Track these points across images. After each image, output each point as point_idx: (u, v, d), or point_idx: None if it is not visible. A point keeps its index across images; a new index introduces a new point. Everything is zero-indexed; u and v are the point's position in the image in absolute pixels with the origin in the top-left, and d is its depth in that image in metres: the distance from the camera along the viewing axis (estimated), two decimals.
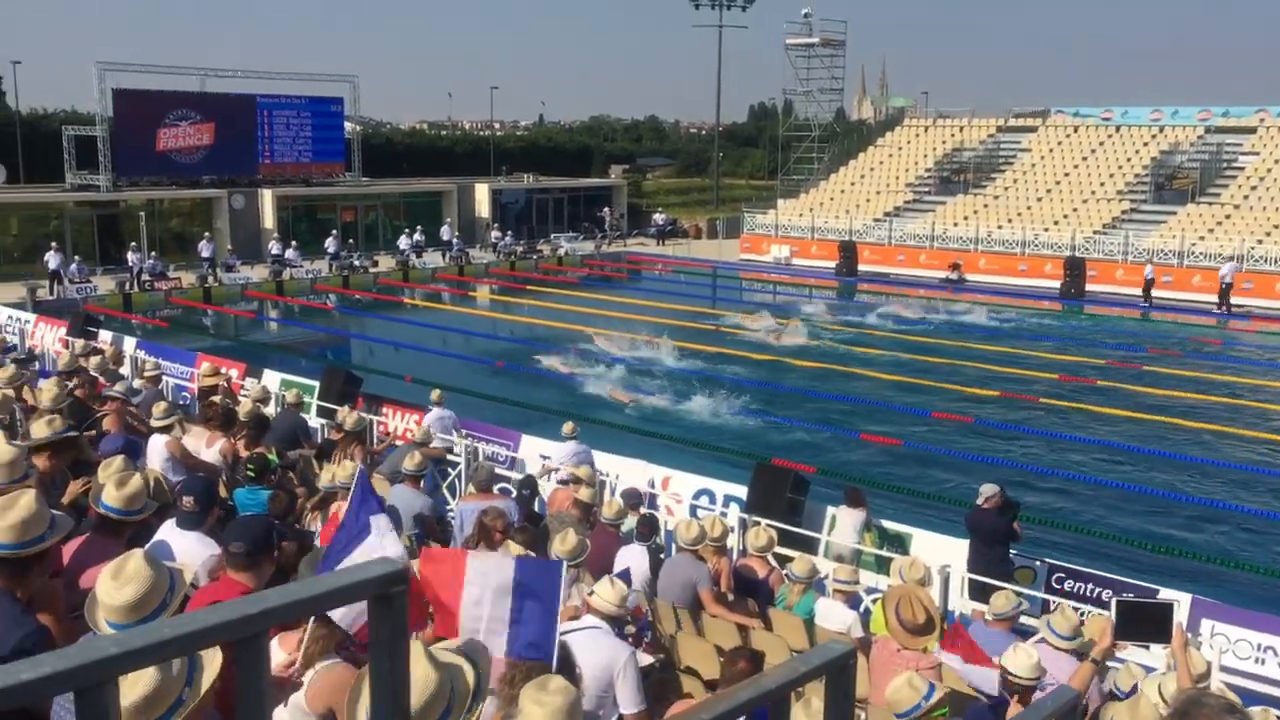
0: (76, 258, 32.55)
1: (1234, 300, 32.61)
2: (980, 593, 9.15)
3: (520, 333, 27.44)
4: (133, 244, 34.21)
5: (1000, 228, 40.31)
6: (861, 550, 10.94)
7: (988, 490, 10.55)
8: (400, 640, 1.10)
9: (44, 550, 3.61)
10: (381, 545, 3.91)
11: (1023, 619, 8.44)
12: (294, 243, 37.79)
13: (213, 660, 2.52)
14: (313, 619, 3.71)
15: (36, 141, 44.49)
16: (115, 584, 3.14)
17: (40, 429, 5.95)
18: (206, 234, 36.77)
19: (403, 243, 40.08)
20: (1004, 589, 7.86)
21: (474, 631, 3.92)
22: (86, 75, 38.44)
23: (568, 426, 12.94)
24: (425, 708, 2.28)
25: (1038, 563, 11.14)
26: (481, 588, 4.01)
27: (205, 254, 34.91)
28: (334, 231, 39.58)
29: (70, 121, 42.45)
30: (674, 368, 23.11)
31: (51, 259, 30.99)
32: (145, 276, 32.07)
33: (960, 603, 9.75)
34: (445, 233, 42.15)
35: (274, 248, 36.75)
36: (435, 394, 14.40)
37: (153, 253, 33.99)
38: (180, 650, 0.96)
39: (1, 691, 0.88)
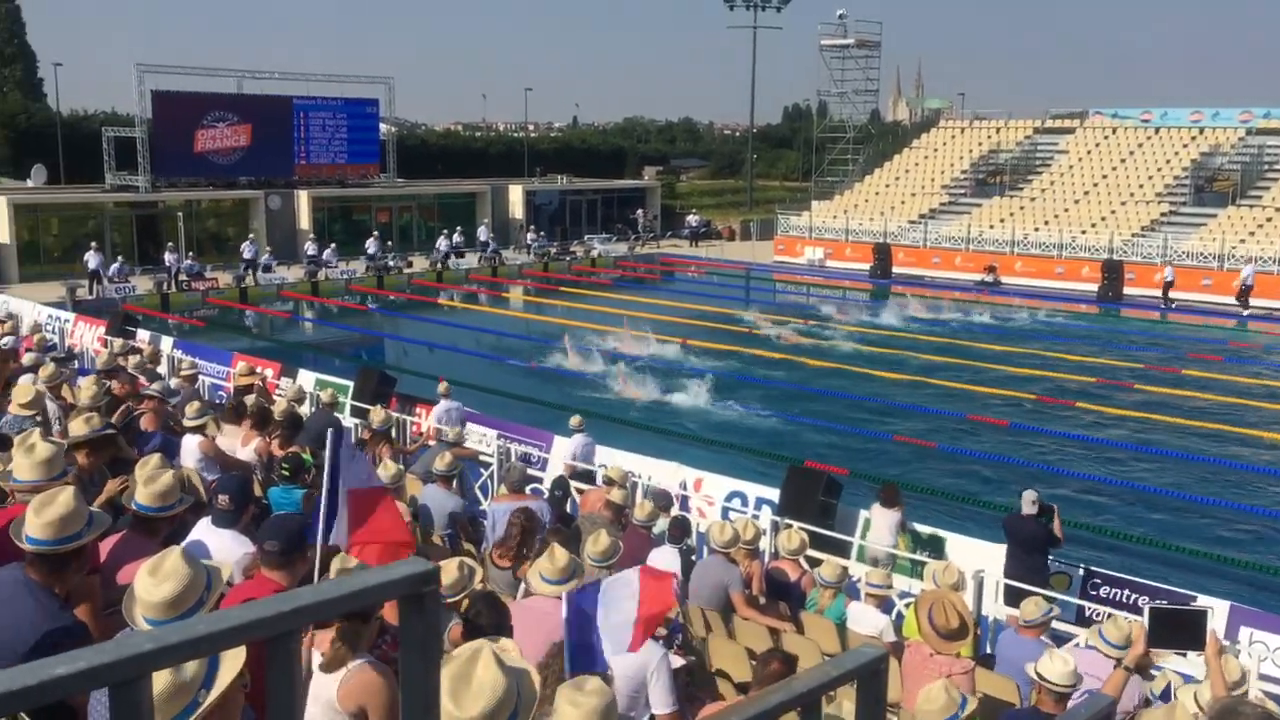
0: (119, 258, 32.96)
1: (1254, 301, 32.52)
2: (1016, 599, 9.07)
3: (553, 334, 27.46)
4: (169, 244, 34.60)
5: (1037, 230, 39.97)
6: (895, 554, 10.88)
7: (1030, 496, 10.44)
8: (433, 641, 1.10)
9: (82, 547, 3.65)
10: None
11: (1060, 625, 8.36)
12: (333, 245, 38.16)
13: (233, 662, 2.53)
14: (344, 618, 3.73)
15: (77, 143, 45.10)
16: (153, 580, 3.17)
17: (79, 426, 6.02)
18: (250, 235, 37.18)
19: (441, 244, 40.43)
20: (1036, 595, 7.79)
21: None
22: (126, 77, 38.98)
23: (574, 420, 13.13)
24: (493, 712, 2.30)
25: (1074, 568, 11.02)
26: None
27: (247, 255, 35.33)
28: (375, 233, 39.89)
29: (110, 123, 43.01)
30: (705, 369, 23.07)
31: (91, 259, 31.39)
32: (183, 277, 32.44)
33: (994, 608, 9.67)
34: (482, 233, 42.38)
35: (310, 248, 37.04)
36: (442, 386, 14.42)
37: (190, 253, 34.39)
38: (215, 647, 0.96)
39: (38, 686, 0.89)
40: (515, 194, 49.08)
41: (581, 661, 4.20)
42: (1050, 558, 10.52)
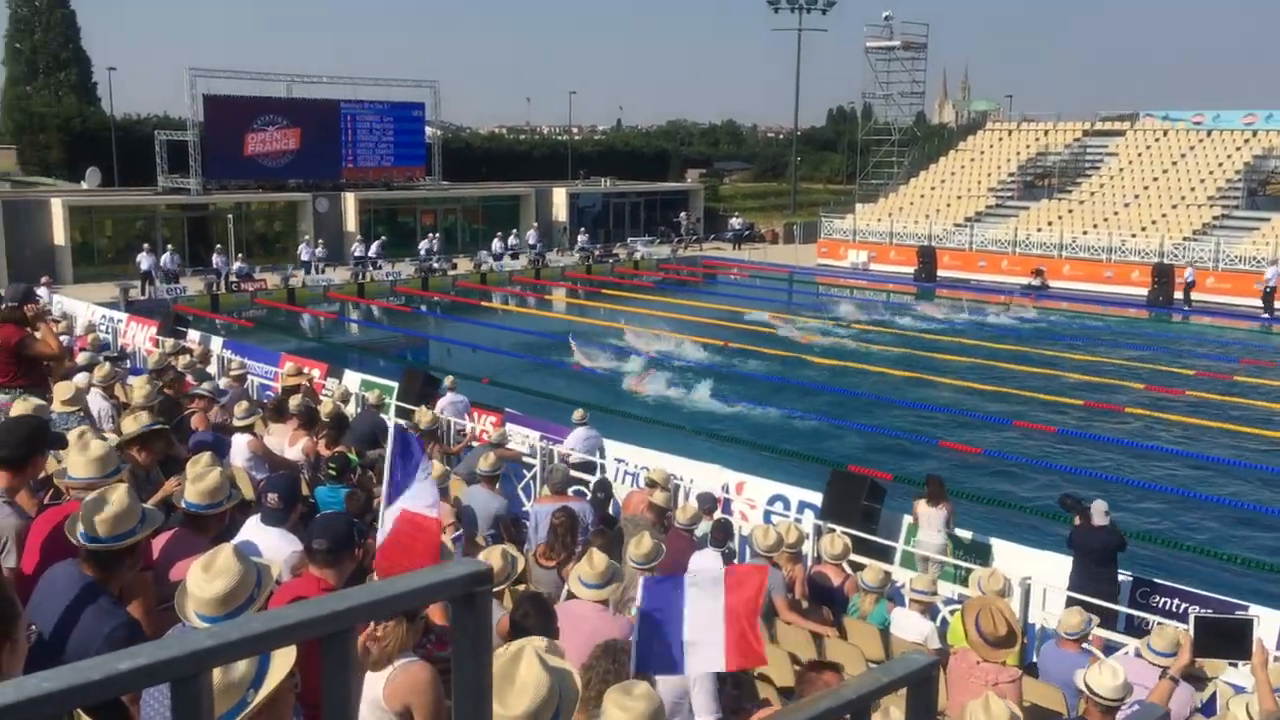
0: (170, 247, 33.42)
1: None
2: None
3: (596, 336, 27.54)
4: (218, 246, 35.08)
5: (1085, 234, 39.47)
6: (942, 560, 10.78)
7: (1101, 506, 10.27)
8: (484, 640, 1.11)
9: (135, 544, 3.71)
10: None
11: (1109, 634, 8.25)
12: (383, 238, 38.51)
13: (283, 661, 2.56)
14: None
15: (130, 146, 45.85)
16: (206, 577, 3.22)
17: (130, 424, 6.13)
18: (306, 238, 37.63)
19: (495, 246, 40.78)
20: (1076, 605, 7.70)
21: None
22: (178, 81, 39.55)
23: (578, 414, 13.69)
24: (537, 711, 2.31)
25: (1124, 577, 10.86)
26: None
27: (304, 257, 35.73)
28: (431, 235, 40.17)
29: (162, 126, 43.68)
30: (746, 372, 23.03)
31: (143, 260, 31.87)
32: (233, 279, 32.88)
33: (1041, 615, 9.55)
34: (532, 237, 42.65)
35: (357, 250, 37.38)
36: (449, 380, 15.48)
37: (239, 254, 34.88)
38: (273, 644, 0.98)
39: (103, 681, 0.90)
40: (559, 196, 49.25)
41: (654, 663, 4.13)
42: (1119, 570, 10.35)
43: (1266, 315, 32.11)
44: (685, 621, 4.11)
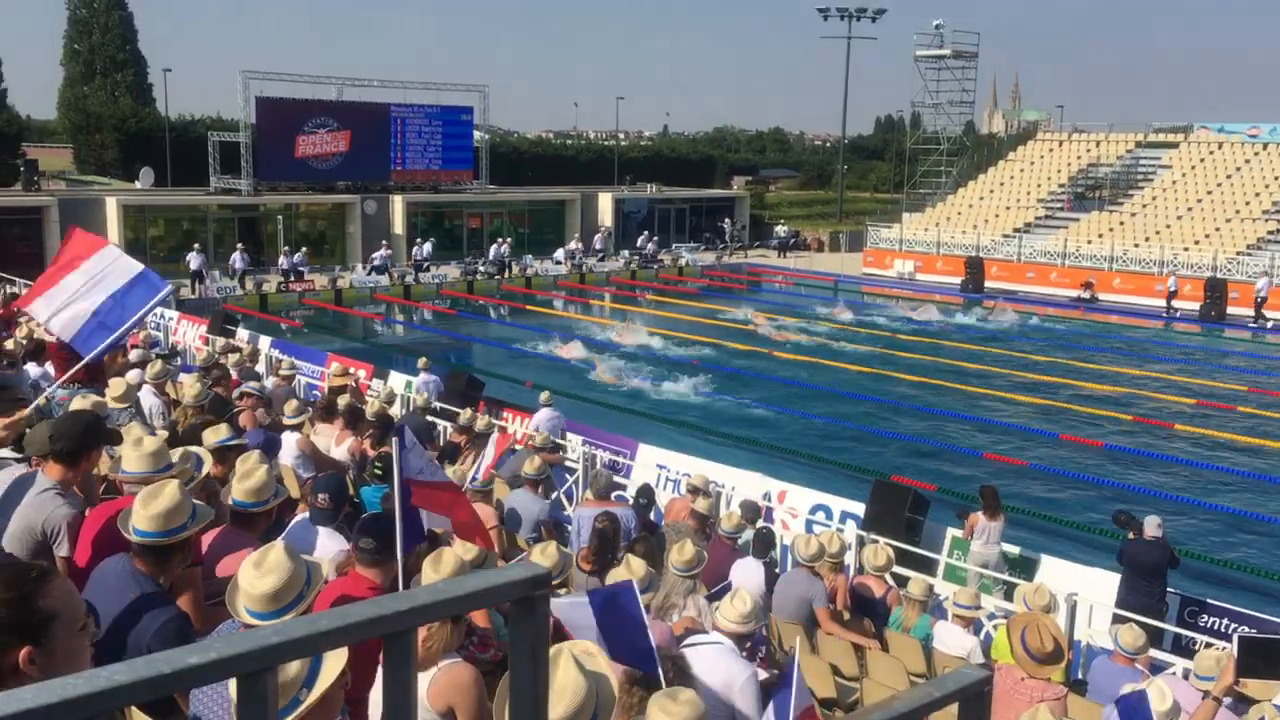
0: (244, 254, 33.92)
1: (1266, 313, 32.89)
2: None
3: (638, 342, 27.57)
4: (285, 247, 35.69)
5: (1137, 246, 38.93)
6: (993, 575, 10.67)
7: (1154, 520, 10.14)
8: (542, 644, 1.12)
9: (185, 539, 3.77)
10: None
11: (1157, 653, 8.12)
12: (432, 240, 39.03)
13: (335, 662, 2.59)
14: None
15: (183, 146, 46.54)
16: (257, 574, 3.27)
17: (210, 436, 6.25)
18: (384, 241, 38.09)
19: (559, 253, 41.35)
20: (1132, 621, 7.58)
21: None
22: (232, 83, 40.08)
23: (544, 396, 14.54)
24: (575, 714, 2.32)
25: (1171, 596, 10.70)
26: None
27: (377, 261, 36.19)
28: (503, 240, 40.48)
29: (215, 128, 44.30)
30: (790, 380, 22.94)
31: (193, 259, 32.34)
32: (290, 277, 33.40)
33: (1087, 632, 9.42)
34: (598, 241, 42.96)
35: (418, 253, 37.75)
36: (421, 361, 16.38)
37: (302, 247, 35.50)
38: (337, 642, 0.99)
39: (174, 675, 0.92)
40: (605, 202, 49.36)
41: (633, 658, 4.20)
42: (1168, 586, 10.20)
43: (1258, 324, 32.90)
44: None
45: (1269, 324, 32.62)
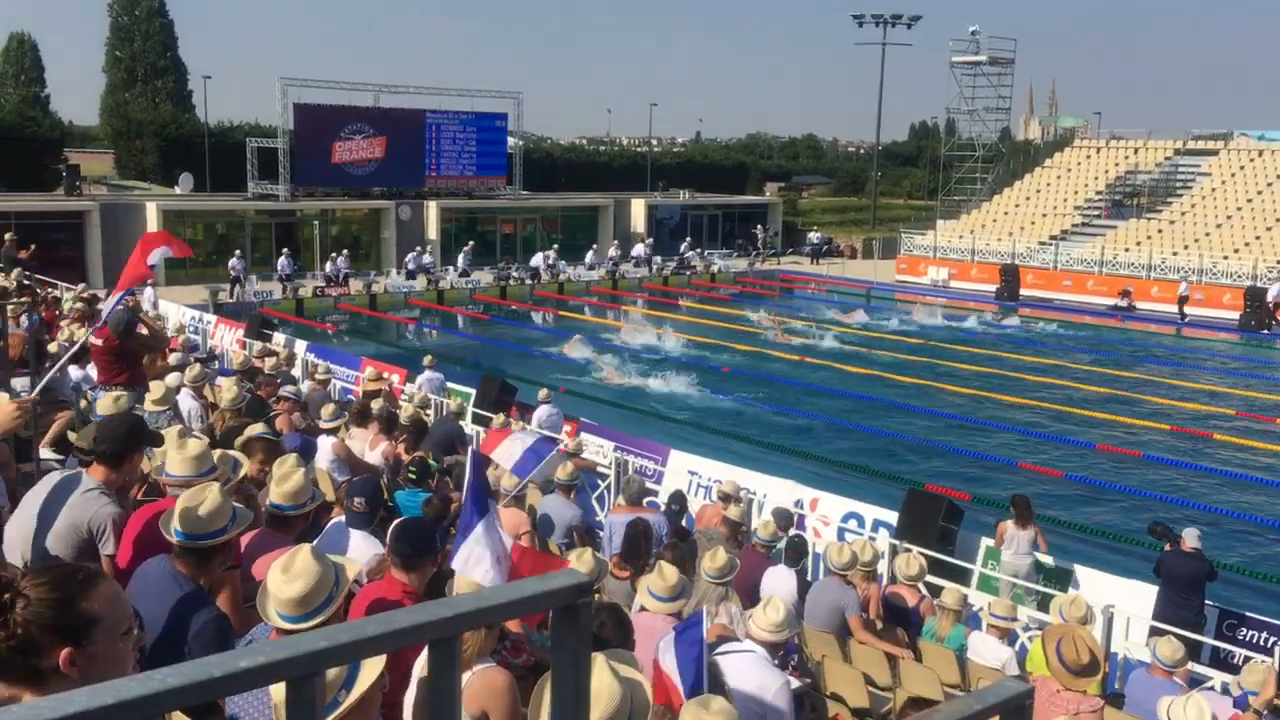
0: (291, 259, 34.29)
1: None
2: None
3: (669, 348, 27.58)
4: (334, 254, 36.20)
5: (1175, 254, 38.51)
6: (1027, 585, 10.58)
7: (1194, 533, 10.03)
8: (584, 651, 1.13)
9: (226, 541, 3.81)
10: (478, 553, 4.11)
11: (1195, 667, 8.03)
12: (470, 244, 39.19)
13: (374, 665, 2.61)
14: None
15: (222, 152, 47.06)
16: (285, 578, 3.31)
17: (250, 430, 6.32)
18: (418, 247, 38.44)
19: (589, 256, 41.59)
20: (1171, 634, 7.50)
21: None
22: (270, 90, 40.49)
23: (542, 393, 15.03)
24: (611, 719, 2.33)
25: (1210, 609, 10.57)
26: None
27: (412, 266, 36.51)
28: (553, 248, 40.61)
29: (254, 134, 44.76)
30: (821, 387, 22.86)
31: (235, 264, 32.67)
32: (335, 280, 33.91)
33: (1124, 645, 9.32)
34: (639, 250, 43.18)
35: (461, 261, 38.08)
36: (427, 359, 16.75)
37: (345, 250, 35.93)
38: (383, 648, 1.00)
39: (223, 678, 0.94)
40: (637, 208, 49.43)
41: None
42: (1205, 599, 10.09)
43: (1269, 330, 33.19)
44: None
45: None
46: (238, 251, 34.03)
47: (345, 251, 36.17)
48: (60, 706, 0.91)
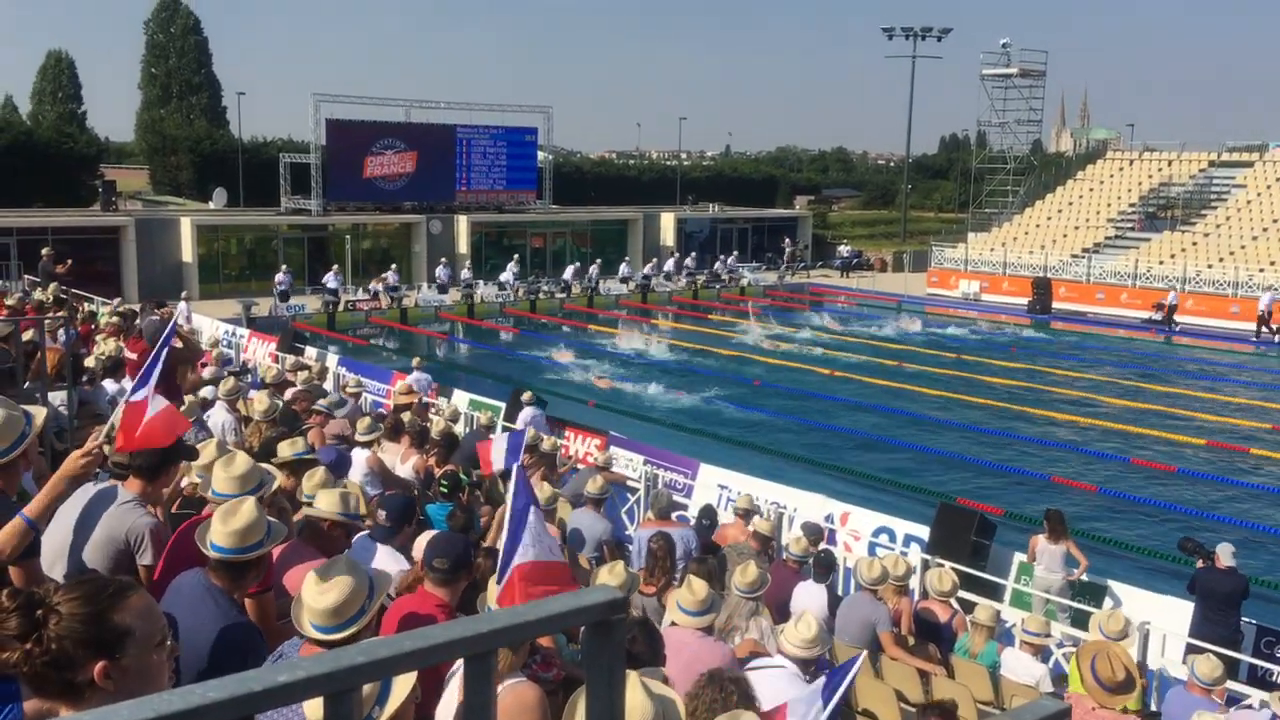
0: (339, 274, 34.63)
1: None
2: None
3: (700, 362, 27.57)
4: (393, 266, 36.73)
5: (1210, 267, 38.12)
6: (1060, 601, 10.47)
7: (1229, 549, 9.90)
8: (619, 667, 1.13)
9: (261, 556, 3.84)
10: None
11: (1233, 685, 7.92)
12: (516, 256, 39.73)
13: (406, 680, 2.62)
14: None
15: (255, 167, 47.58)
16: (319, 589, 3.33)
17: (285, 449, 6.35)
18: (442, 259, 38.82)
19: (623, 268, 41.93)
20: (1209, 651, 7.40)
21: None
22: (303, 106, 40.88)
23: (526, 395, 15.49)
24: None
25: (1247, 625, 10.42)
26: None
27: (442, 279, 36.78)
28: (595, 262, 40.84)
29: (287, 149, 45.21)
30: (852, 401, 22.76)
31: (281, 279, 32.96)
32: (392, 292, 34.53)
33: (1160, 662, 9.20)
34: (670, 265, 43.34)
35: (504, 276, 38.34)
36: (415, 360, 17.45)
37: (394, 266, 36.44)
38: (420, 662, 1.01)
39: (263, 693, 0.95)
40: (667, 221, 49.49)
41: None
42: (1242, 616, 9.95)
43: (1261, 338, 33.83)
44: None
45: None
46: (284, 267, 34.42)
47: (394, 266, 36.59)
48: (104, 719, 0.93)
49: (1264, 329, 33.71)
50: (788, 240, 51.52)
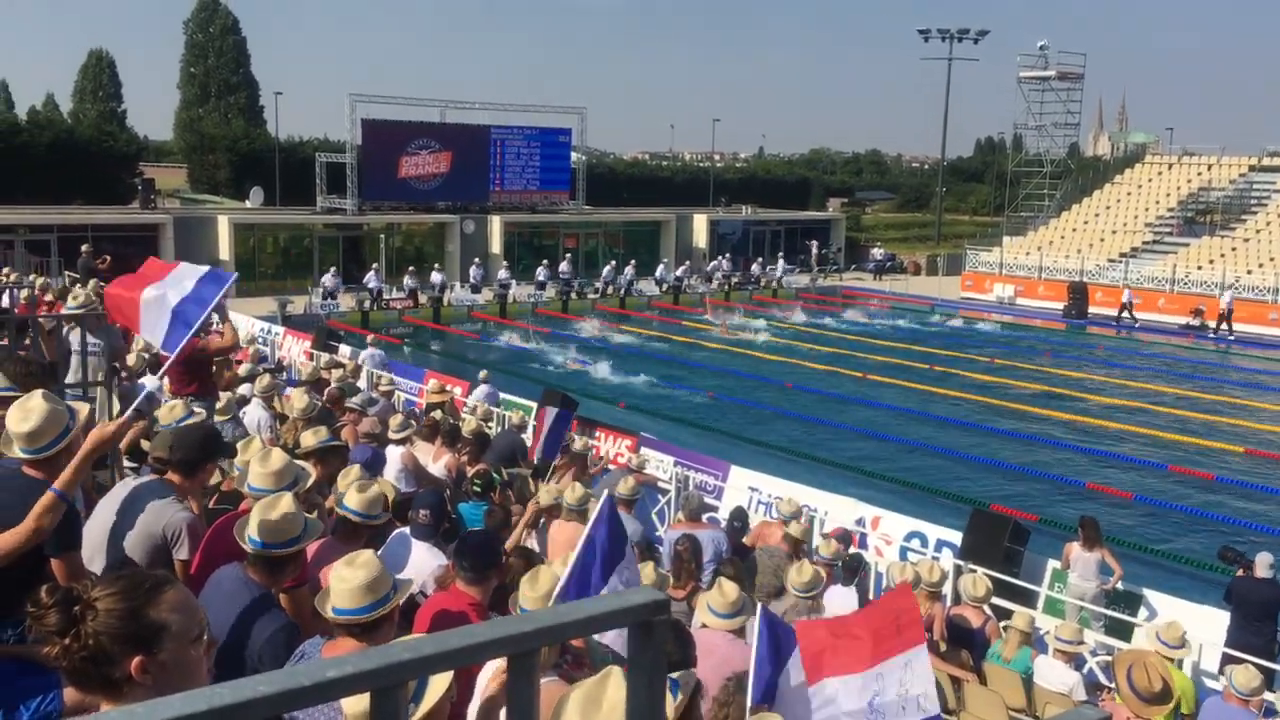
0: (379, 274, 34.97)
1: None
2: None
3: (735, 364, 27.53)
4: (436, 265, 37.05)
5: (1250, 273, 37.63)
6: (1084, 607, 10.37)
7: (1267, 559, 9.78)
8: (659, 668, 1.14)
9: (298, 551, 3.88)
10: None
11: (1270, 697, 7.82)
12: (568, 255, 39.99)
13: (442, 678, 2.63)
14: None
15: (292, 167, 47.96)
16: (346, 572, 3.38)
17: (309, 438, 6.41)
18: (476, 259, 39.00)
19: (660, 269, 41.91)
20: (1247, 662, 7.31)
21: None
22: (339, 106, 41.20)
23: (482, 374, 16.85)
24: None
25: None
26: None
27: (474, 279, 37.05)
28: (626, 262, 40.92)
29: (323, 149, 45.55)
30: (886, 405, 22.65)
31: (328, 280, 33.29)
32: (445, 291, 35.00)
33: (1195, 672, 9.09)
34: (712, 266, 43.32)
35: (541, 274, 38.45)
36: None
37: (437, 264, 37.06)
38: (465, 660, 1.02)
39: (312, 688, 0.96)
40: (700, 223, 49.45)
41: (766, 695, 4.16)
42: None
43: (1219, 334, 34.73)
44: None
45: None
46: (333, 269, 34.79)
47: (438, 265, 36.87)
48: (156, 712, 0.94)
49: (1220, 327, 34.19)
50: (815, 242, 51.27)
